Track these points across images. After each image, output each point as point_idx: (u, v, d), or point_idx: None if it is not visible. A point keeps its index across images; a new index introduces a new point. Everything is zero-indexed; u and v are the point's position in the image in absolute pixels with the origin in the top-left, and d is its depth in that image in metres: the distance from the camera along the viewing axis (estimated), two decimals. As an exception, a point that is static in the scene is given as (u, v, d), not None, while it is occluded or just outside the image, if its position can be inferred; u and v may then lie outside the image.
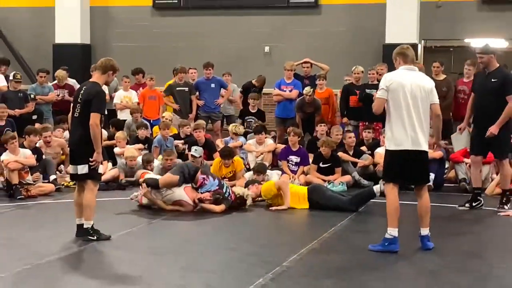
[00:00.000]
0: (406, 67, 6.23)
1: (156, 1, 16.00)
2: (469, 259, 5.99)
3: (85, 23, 16.38)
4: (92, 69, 9.29)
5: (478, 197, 8.34)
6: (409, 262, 6.01)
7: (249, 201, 8.13)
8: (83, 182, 7.20)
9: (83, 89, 7.35)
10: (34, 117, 11.47)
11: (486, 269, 5.68)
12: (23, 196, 9.08)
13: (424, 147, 6.29)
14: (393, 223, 6.30)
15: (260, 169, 9.43)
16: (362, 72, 10.96)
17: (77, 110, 7.23)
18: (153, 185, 8.34)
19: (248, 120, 12.26)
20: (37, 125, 11.05)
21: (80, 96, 7.24)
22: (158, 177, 8.96)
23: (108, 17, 16.47)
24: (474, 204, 8.22)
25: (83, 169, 7.16)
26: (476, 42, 14.03)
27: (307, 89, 11.22)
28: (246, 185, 8.60)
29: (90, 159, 7.14)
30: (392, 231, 6.24)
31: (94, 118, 7.10)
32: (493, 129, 7.75)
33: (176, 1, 15.98)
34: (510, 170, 8.14)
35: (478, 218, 8.16)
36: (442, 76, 10.56)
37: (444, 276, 5.42)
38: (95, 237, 7.01)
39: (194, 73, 13.40)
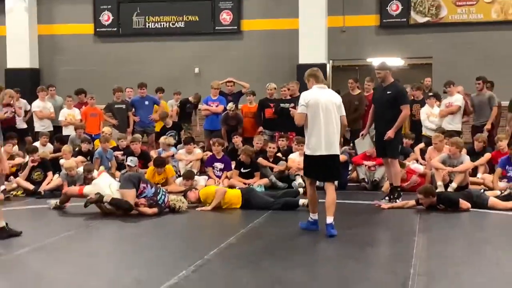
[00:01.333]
0: (319, 86, 6.64)
1: (97, 29, 16.04)
2: (364, 248, 6.16)
3: (33, 49, 16.31)
4: None
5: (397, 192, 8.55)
6: (312, 252, 6.21)
7: (183, 207, 8.20)
8: None
9: None
10: (-15, 134, 11.03)
11: (375, 258, 5.91)
12: None
13: (337, 151, 6.74)
14: (313, 210, 6.81)
15: (189, 175, 9.65)
16: (275, 88, 11.14)
17: None
18: (117, 204, 8.14)
19: (170, 134, 12.41)
20: (-17, 141, 10.58)
21: None
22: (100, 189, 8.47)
23: (54, 44, 16.42)
24: (393, 198, 8.43)
25: None
26: (376, 61, 14.17)
27: (230, 105, 11.73)
28: (185, 192, 8.59)
29: None
30: (313, 216, 6.75)
31: None
32: (390, 133, 8.09)
33: (115, 29, 16.03)
34: (399, 168, 8.43)
35: (375, 212, 8.35)
36: (357, 91, 10.86)
37: (342, 263, 5.59)
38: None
39: (130, 91, 13.51)
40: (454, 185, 8.28)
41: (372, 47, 14.99)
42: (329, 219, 6.51)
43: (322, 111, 6.44)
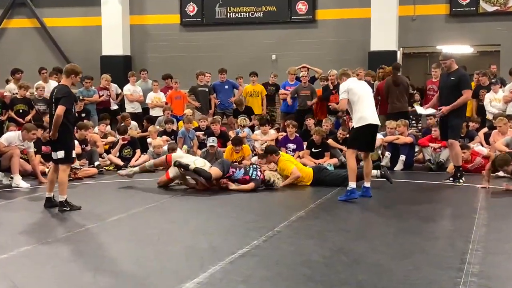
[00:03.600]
0: (352, 78, 7.68)
1: (183, 20, 16.22)
2: (425, 223, 6.13)
3: (126, 38, 16.62)
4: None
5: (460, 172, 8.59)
6: (375, 226, 6.22)
7: (278, 183, 8.24)
8: (59, 165, 7.36)
9: (55, 90, 7.42)
10: (83, 114, 11.72)
11: (435, 232, 5.83)
12: (71, 178, 8.97)
13: (378, 122, 7.61)
14: (352, 178, 7.27)
15: (271, 150, 9.31)
16: (336, 74, 10.70)
17: (53, 108, 7.31)
18: (199, 172, 8.27)
19: (241, 117, 12.55)
20: (85, 121, 11.30)
21: (53, 96, 7.35)
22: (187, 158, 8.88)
23: (144, 33, 16.73)
24: (457, 178, 8.47)
25: (59, 154, 7.30)
26: (446, 48, 14.26)
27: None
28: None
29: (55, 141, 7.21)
30: (352, 184, 7.19)
31: (60, 110, 7.12)
32: (445, 109, 8.21)
33: (199, 19, 16.18)
34: (460, 150, 8.50)
35: (438, 190, 8.30)
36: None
37: (401, 237, 5.57)
38: (68, 208, 7.16)
39: (209, 76, 13.63)
40: None
41: (442, 35, 14.73)
42: (367, 184, 7.37)
43: (361, 93, 7.39)
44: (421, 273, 4.46)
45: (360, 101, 7.37)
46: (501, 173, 9.16)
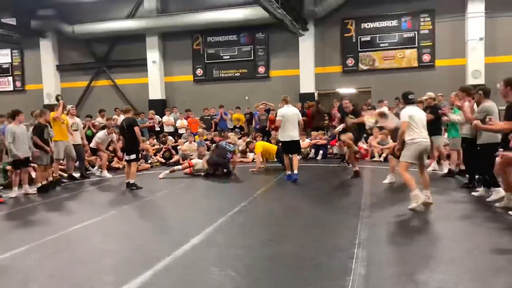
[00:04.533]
0: (286, 106, 7.82)
1: (194, 78, 17.63)
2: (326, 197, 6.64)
3: (162, 89, 17.96)
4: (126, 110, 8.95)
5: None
6: (307, 191, 7.26)
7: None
8: (131, 163, 8.09)
9: (125, 121, 8.16)
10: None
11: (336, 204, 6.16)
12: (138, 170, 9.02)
13: (297, 138, 7.80)
14: (288, 168, 7.83)
15: (250, 141, 10.71)
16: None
17: (125, 130, 8.04)
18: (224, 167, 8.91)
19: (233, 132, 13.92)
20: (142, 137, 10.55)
21: (124, 124, 8.16)
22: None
23: (172, 86, 17.92)
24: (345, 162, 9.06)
25: (132, 156, 8.13)
26: (341, 90, 15.57)
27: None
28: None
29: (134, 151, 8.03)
30: (287, 172, 7.61)
31: (137, 130, 7.95)
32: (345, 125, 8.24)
33: (204, 77, 17.50)
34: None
35: (338, 170, 9.09)
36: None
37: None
38: (135, 188, 7.90)
39: (212, 110, 14.72)
40: None
41: (339, 83, 15.71)
42: (295, 171, 7.56)
43: (289, 119, 7.68)
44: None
45: (288, 122, 7.83)
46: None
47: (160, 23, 17.29)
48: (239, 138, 12.91)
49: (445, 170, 8.42)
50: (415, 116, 5.77)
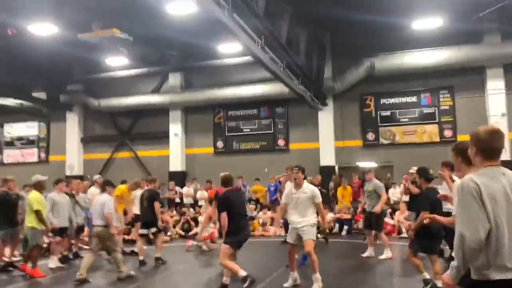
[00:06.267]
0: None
1: (215, 150, 18.73)
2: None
3: (183, 161, 19.00)
4: (149, 181, 9.60)
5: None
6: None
7: None
8: (155, 236, 8.52)
9: (146, 192, 8.62)
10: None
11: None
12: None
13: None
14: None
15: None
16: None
17: (146, 203, 8.41)
18: None
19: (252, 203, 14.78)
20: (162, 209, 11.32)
21: (146, 195, 8.58)
22: None
23: (193, 158, 18.96)
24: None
25: (151, 230, 8.54)
26: (362, 164, 16.26)
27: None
28: None
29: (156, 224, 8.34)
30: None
31: (157, 205, 8.28)
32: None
33: (224, 150, 18.63)
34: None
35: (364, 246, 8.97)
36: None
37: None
38: (161, 262, 8.40)
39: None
40: None
41: (359, 157, 16.42)
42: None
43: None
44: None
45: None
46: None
47: (183, 98, 18.86)
48: (259, 211, 13.93)
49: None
50: None
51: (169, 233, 12.05)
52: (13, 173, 10.44)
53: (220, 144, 18.90)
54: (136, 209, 9.69)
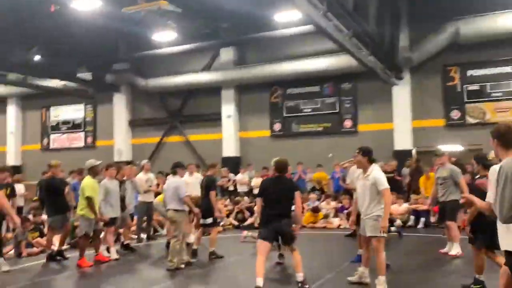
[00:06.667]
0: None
1: (272, 133, 18.35)
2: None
3: (237, 145, 18.79)
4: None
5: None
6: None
7: None
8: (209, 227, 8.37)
9: (204, 179, 8.58)
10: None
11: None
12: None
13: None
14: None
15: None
16: None
17: (203, 191, 8.23)
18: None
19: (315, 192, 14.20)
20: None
21: (204, 183, 8.46)
22: None
23: (248, 142, 18.74)
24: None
25: (207, 221, 8.29)
26: (443, 147, 14.18)
27: None
28: None
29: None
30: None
31: (212, 194, 8.06)
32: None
33: (282, 132, 18.16)
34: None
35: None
36: None
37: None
38: (215, 257, 8.23)
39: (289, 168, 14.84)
40: None
41: (440, 138, 15.33)
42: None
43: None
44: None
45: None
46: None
47: (237, 75, 18.32)
48: (323, 201, 13.41)
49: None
50: None
51: (222, 223, 11.86)
52: (59, 158, 10.24)
53: (277, 126, 18.45)
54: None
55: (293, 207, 6.31)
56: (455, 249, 8.35)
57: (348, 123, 17.38)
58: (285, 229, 6.05)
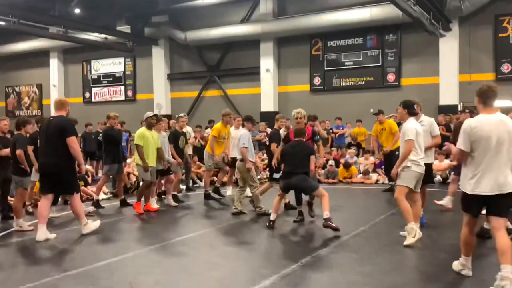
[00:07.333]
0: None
1: (311, 88, 18.56)
2: None
3: (275, 100, 19.15)
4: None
5: None
6: None
7: None
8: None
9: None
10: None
11: None
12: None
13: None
14: None
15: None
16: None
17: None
18: None
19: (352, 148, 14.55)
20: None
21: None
22: None
23: (287, 97, 18.99)
24: None
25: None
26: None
27: None
28: None
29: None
30: None
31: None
32: None
33: (322, 87, 18.34)
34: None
35: None
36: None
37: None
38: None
39: (328, 122, 15.20)
40: None
41: None
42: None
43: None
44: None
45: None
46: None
47: (276, 27, 18.36)
48: (361, 156, 13.83)
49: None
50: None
51: (258, 177, 11.57)
52: (100, 111, 10.66)
53: (317, 80, 18.55)
54: (235, 152, 9.74)
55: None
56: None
57: (391, 77, 17.34)
58: (302, 184, 7.04)
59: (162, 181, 10.15)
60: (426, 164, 6.29)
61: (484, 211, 4.42)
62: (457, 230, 4.84)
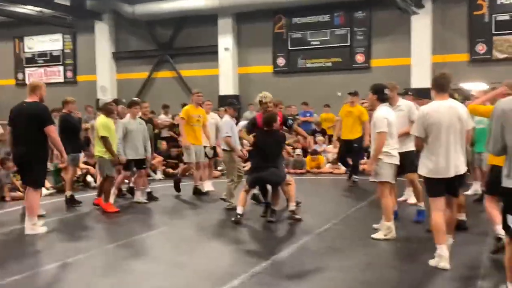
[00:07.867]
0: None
1: (274, 69, 18.62)
2: None
3: (235, 83, 19.09)
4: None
5: None
6: None
7: None
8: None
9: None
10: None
11: None
12: None
13: None
14: None
15: None
16: None
17: None
18: None
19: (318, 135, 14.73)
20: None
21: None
22: None
23: (247, 79, 18.92)
24: None
25: None
26: (466, 85, 14.26)
27: None
28: None
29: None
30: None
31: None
32: None
33: (286, 68, 18.41)
34: None
35: None
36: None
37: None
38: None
39: (294, 108, 15.39)
40: None
41: (464, 75, 14.96)
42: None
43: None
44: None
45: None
46: None
47: (235, 0, 18.05)
48: (328, 144, 14.00)
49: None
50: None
51: (219, 168, 12.55)
52: None
53: (281, 61, 18.65)
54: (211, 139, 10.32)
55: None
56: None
57: (360, 58, 17.58)
58: (273, 178, 7.21)
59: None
60: (407, 152, 6.47)
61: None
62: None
